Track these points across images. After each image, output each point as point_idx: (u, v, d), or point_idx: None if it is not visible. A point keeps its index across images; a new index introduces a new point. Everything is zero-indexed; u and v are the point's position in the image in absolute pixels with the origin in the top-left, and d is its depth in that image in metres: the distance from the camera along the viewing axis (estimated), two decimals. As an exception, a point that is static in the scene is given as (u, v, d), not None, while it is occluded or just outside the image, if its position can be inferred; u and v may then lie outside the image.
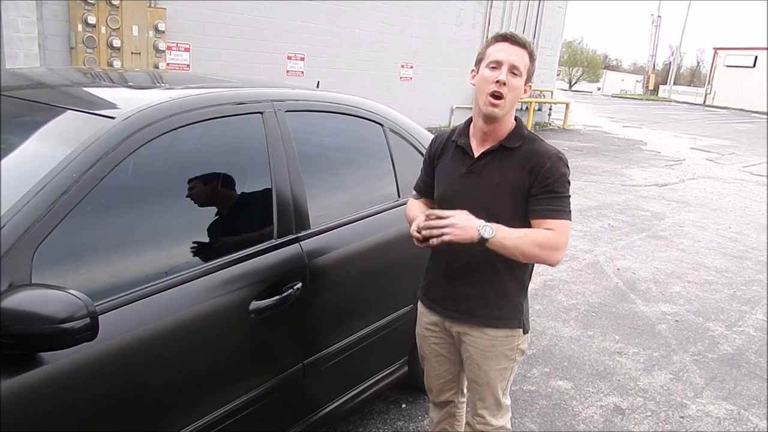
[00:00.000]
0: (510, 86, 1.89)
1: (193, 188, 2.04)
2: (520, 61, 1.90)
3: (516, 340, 2.11)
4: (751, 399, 3.61)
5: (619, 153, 14.67)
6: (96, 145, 1.71)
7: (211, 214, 2.13)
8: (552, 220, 1.91)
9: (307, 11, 12.10)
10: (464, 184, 2.02)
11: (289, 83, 2.99)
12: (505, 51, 1.90)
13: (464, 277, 2.06)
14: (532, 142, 1.99)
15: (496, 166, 1.98)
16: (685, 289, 5.44)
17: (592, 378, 3.70)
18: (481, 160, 2.00)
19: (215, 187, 2.15)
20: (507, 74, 1.88)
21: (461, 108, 16.34)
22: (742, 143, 19.38)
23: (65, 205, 1.60)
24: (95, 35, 8.58)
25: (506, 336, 2.09)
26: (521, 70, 1.90)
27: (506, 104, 1.91)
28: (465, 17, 15.71)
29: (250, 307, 2.00)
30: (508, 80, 1.88)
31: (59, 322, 1.39)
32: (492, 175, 1.98)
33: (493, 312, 2.06)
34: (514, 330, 2.09)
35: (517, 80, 1.90)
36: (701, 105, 46.44)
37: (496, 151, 1.99)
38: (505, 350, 2.10)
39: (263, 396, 2.14)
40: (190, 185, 2.03)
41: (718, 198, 9.90)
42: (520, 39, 1.92)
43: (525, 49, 1.92)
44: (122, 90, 2.54)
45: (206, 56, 10.48)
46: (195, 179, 2.06)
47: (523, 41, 1.92)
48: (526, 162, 1.94)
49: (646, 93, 52.35)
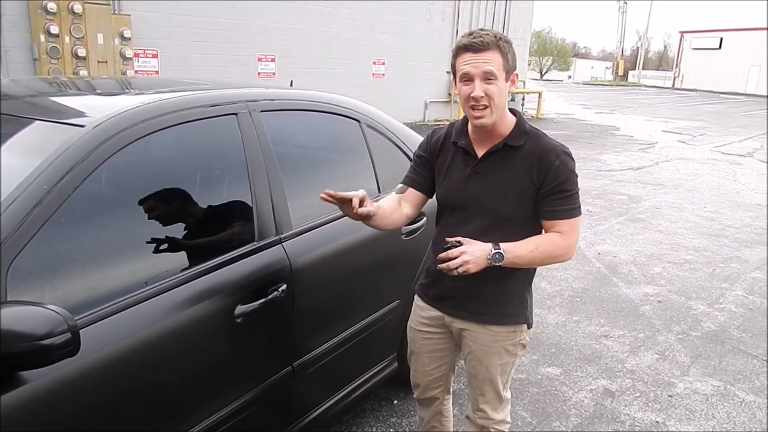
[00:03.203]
0: (489, 94, 1.81)
1: (169, 195, 1.99)
2: (491, 65, 1.80)
3: (518, 336, 2.08)
4: (736, 374, 3.65)
5: (593, 139, 14.81)
6: (66, 155, 1.66)
7: (190, 220, 2.08)
8: (563, 221, 1.91)
9: (277, 11, 12.03)
10: (469, 186, 1.97)
11: (262, 84, 2.95)
12: (472, 63, 1.81)
13: (471, 276, 1.93)
14: (536, 138, 1.94)
15: (501, 165, 1.93)
16: (665, 270, 5.50)
17: (580, 362, 3.72)
18: (486, 160, 1.95)
19: (192, 192, 2.11)
20: (481, 85, 1.80)
21: (435, 102, 16.39)
22: (713, 124, 19.69)
23: (38, 218, 1.55)
24: (59, 45, 8.44)
25: (509, 332, 2.07)
26: (495, 72, 1.81)
27: (492, 111, 1.85)
28: (434, 11, 15.75)
29: (236, 311, 1.97)
30: (485, 90, 1.81)
31: (39, 339, 1.34)
32: (498, 175, 1.93)
33: (500, 310, 2.04)
34: (519, 326, 2.07)
35: (495, 85, 1.81)
36: (670, 88, 47.14)
37: (500, 150, 1.93)
38: (508, 345, 2.08)
39: (253, 401, 2.10)
40: (166, 192, 1.99)
41: (692, 179, 10.04)
42: (482, 43, 1.80)
43: (492, 50, 1.81)
44: (90, 97, 2.48)
45: (175, 62, 10.37)
46: (171, 185, 2.01)
47: (487, 42, 1.80)
48: (533, 159, 1.89)
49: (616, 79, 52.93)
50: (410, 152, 2.96)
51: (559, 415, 3.16)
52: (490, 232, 1.93)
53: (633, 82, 53.82)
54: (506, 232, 1.92)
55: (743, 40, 44.36)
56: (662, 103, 28.92)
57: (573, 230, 1.93)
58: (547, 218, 1.93)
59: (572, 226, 1.92)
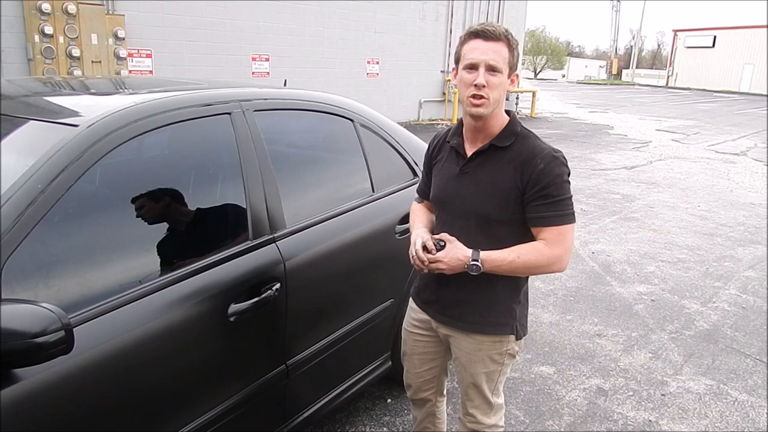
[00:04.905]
0: (490, 86, 1.78)
1: (162, 194, 2.00)
2: (498, 56, 1.77)
3: (504, 346, 2.03)
4: (729, 373, 3.67)
5: (587, 138, 14.84)
6: (60, 154, 1.67)
7: (184, 219, 2.09)
8: (548, 228, 1.83)
9: (270, 11, 12.03)
10: (457, 185, 1.95)
11: (255, 83, 2.96)
12: (480, 50, 1.78)
13: (456, 282, 1.96)
14: (525, 139, 1.89)
15: (487, 166, 1.90)
16: (659, 269, 5.52)
17: (573, 361, 3.73)
18: (473, 161, 1.93)
19: (186, 192, 2.11)
20: (485, 74, 1.77)
21: (430, 101, 16.40)
22: (706, 123, 19.75)
23: (32, 217, 1.55)
24: (53, 45, 8.43)
25: (494, 341, 2.02)
26: (500, 66, 1.78)
27: (490, 103, 1.81)
28: (428, 10, 15.76)
29: (229, 310, 1.97)
30: (488, 80, 1.77)
31: (33, 337, 1.35)
32: (484, 176, 1.90)
33: (484, 318, 2.00)
34: (504, 336, 2.02)
35: (498, 77, 1.78)
36: (664, 87, 47.28)
37: (486, 150, 1.90)
38: (493, 354, 2.04)
39: (247, 400, 2.11)
40: (159, 191, 1.99)
41: (686, 177, 10.07)
42: (494, 32, 1.78)
43: (501, 42, 1.78)
44: (84, 97, 2.48)
45: (169, 61, 10.36)
46: (164, 184, 2.02)
47: (498, 33, 1.78)
48: (518, 162, 1.84)
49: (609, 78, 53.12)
50: (404, 151, 2.98)
51: (553, 414, 3.18)
52: (474, 234, 1.91)
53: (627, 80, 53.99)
54: (491, 236, 1.90)
55: (737, 38, 44.56)
56: (656, 102, 29.00)
57: (560, 239, 1.83)
58: (533, 225, 1.86)
59: (560, 234, 1.83)
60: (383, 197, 2.78)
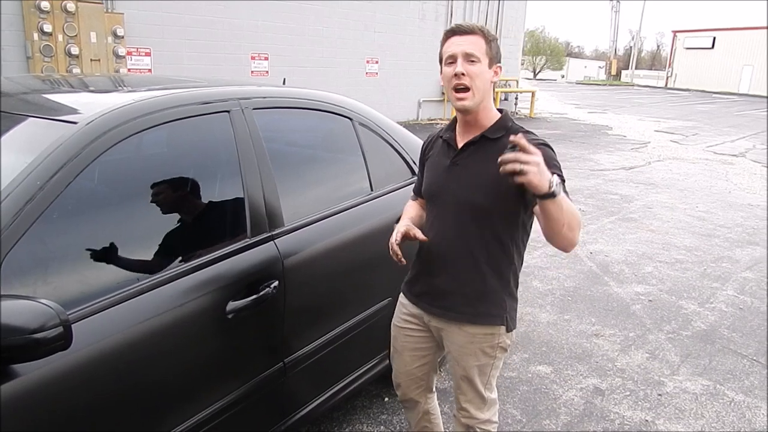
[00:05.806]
0: (470, 74, 1.84)
1: (162, 191, 2.00)
2: (474, 46, 1.85)
3: (496, 338, 2.05)
4: (725, 373, 3.68)
5: (585, 138, 14.85)
6: (59, 152, 1.67)
7: (183, 216, 2.09)
8: None
9: (269, 10, 12.03)
10: (448, 176, 1.99)
11: (254, 82, 2.96)
12: (456, 43, 1.87)
13: (447, 273, 2.01)
14: (516, 132, 1.88)
15: (478, 157, 1.93)
16: (656, 269, 5.53)
17: (570, 361, 3.74)
18: (464, 152, 1.97)
19: (185, 189, 2.12)
20: (463, 63, 1.84)
21: (429, 101, 16.41)
22: (705, 124, 19.77)
23: (31, 214, 1.56)
24: (52, 43, 8.43)
25: (485, 333, 2.03)
26: (477, 55, 1.85)
27: (474, 94, 1.86)
28: (427, 10, 15.78)
29: (227, 307, 1.98)
30: (466, 69, 1.84)
31: (31, 333, 1.35)
32: (475, 166, 1.93)
33: (474, 309, 2.02)
34: (495, 327, 2.03)
35: (477, 66, 1.85)
36: (663, 88, 47.31)
37: (477, 142, 1.94)
38: (485, 347, 2.05)
39: (244, 397, 2.11)
40: (158, 188, 1.99)
41: (684, 178, 10.08)
42: (467, 27, 1.88)
43: (477, 35, 1.87)
44: (83, 95, 2.48)
45: (168, 60, 10.36)
46: (163, 182, 2.02)
47: (471, 27, 1.88)
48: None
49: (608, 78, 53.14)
50: (403, 151, 2.99)
51: (549, 413, 3.18)
52: (468, 225, 1.94)
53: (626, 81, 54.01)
54: (486, 228, 1.93)
55: (736, 39, 44.59)
56: (655, 103, 29.02)
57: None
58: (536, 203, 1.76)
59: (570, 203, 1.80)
60: (381, 196, 2.79)
